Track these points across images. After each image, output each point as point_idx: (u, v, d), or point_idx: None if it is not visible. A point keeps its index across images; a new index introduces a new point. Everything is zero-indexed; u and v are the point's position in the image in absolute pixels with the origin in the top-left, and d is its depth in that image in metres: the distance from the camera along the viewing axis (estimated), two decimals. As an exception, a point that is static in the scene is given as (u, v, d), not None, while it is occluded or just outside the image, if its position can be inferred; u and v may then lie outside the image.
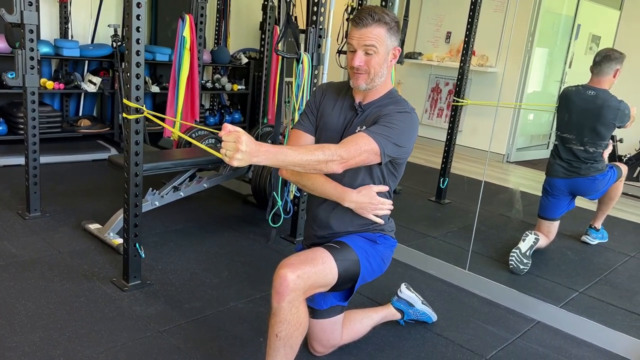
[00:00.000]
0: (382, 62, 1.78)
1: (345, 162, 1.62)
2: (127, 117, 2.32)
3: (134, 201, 2.44)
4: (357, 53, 1.77)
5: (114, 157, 3.02)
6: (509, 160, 6.21)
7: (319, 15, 2.95)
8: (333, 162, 1.59)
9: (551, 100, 6.74)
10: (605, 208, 3.61)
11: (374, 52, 1.75)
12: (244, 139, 1.40)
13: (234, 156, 1.40)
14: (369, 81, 1.80)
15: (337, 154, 1.59)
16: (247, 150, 1.40)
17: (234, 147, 1.40)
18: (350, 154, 1.63)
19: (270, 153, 1.48)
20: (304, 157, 1.54)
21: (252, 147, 1.42)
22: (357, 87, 1.83)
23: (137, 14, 2.22)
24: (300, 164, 1.55)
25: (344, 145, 1.65)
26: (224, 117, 5.98)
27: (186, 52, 3.64)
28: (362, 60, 1.76)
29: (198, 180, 3.33)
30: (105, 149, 4.68)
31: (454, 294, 2.80)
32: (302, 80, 2.95)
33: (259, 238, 3.27)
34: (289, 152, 1.53)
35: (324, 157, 1.57)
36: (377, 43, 1.74)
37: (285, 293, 1.60)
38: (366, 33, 1.73)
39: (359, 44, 1.75)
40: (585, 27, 6.64)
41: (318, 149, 1.58)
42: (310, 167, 1.57)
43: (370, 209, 1.85)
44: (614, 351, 2.39)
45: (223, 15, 5.91)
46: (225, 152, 1.42)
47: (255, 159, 1.44)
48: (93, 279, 2.57)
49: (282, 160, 1.52)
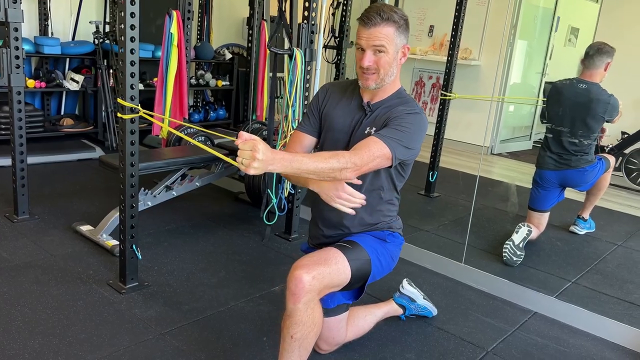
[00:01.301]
0: (391, 62, 1.76)
1: (358, 169, 1.62)
2: (122, 117, 2.28)
3: (130, 202, 2.40)
4: (366, 53, 1.75)
5: (106, 157, 2.96)
6: (493, 152, 6.27)
7: (311, 10, 2.94)
8: (347, 170, 1.59)
9: (532, 92, 6.83)
10: (593, 199, 3.67)
11: (384, 51, 1.73)
12: (261, 147, 1.39)
13: (250, 164, 1.39)
14: (378, 81, 1.79)
15: (351, 162, 1.59)
16: (263, 159, 1.39)
17: (250, 155, 1.39)
18: (363, 160, 1.62)
19: (286, 161, 1.47)
20: (319, 165, 1.53)
21: (269, 155, 1.41)
22: (367, 87, 1.81)
23: (131, 12, 2.18)
24: (315, 171, 1.54)
25: (356, 152, 1.64)
26: (209, 113, 5.92)
27: (174, 49, 3.58)
28: (372, 60, 1.75)
29: (190, 179, 3.29)
30: (90, 148, 4.59)
31: (451, 287, 2.82)
32: (295, 77, 2.93)
33: (253, 236, 3.25)
34: (303, 160, 1.52)
35: (338, 165, 1.57)
36: (387, 43, 1.72)
37: (301, 294, 1.59)
38: (375, 33, 1.72)
39: (367, 44, 1.74)
40: (564, 20, 6.73)
41: (332, 157, 1.57)
42: (324, 174, 1.57)
43: (336, 198, 1.74)
44: (610, 339, 2.44)
45: (205, 11, 5.84)
46: (242, 161, 1.40)
47: (271, 167, 1.43)
48: (89, 282, 2.52)
49: (297, 168, 1.51)
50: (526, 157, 6.02)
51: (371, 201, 1.90)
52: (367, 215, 1.92)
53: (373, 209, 1.92)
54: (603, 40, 3.28)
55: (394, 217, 2.02)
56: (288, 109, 2.97)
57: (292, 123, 3.01)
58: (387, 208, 1.96)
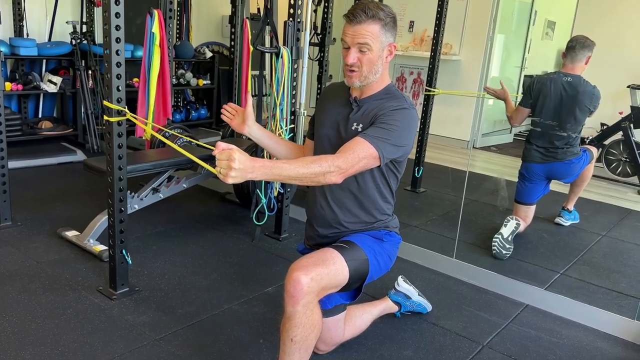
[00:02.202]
0: (375, 60, 1.75)
1: (344, 172, 1.62)
2: (108, 119, 2.23)
3: (119, 206, 2.35)
4: (350, 50, 1.74)
5: (91, 161, 2.90)
6: (475, 146, 6.32)
7: (297, 8, 2.91)
8: (331, 174, 1.58)
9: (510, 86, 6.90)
10: (578, 190, 3.72)
11: (368, 49, 1.72)
12: (237, 157, 1.40)
13: (228, 174, 1.41)
14: (362, 79, 1.78)
15: (335, 165, 1.59)
16: (240, 168, 1.40)
17: (227, 165, 1.40)
18: (348, 163, 1.62)
19: (266, 168, 1.48)
20: (300, 171, 1.53)
21: (247, 163, 1.42)
22: (351, 84, 1.81)
23: (116, 12, 2.13)
24: (297, 177, 1.54)
25: (340, 155, 1.63)
26: (190, 113, 5.85)
27: (156, 49, 3.52)
28: (356, 58, 1.74)
29: (176, 180, 3.24)
30: (70, 151, 4.50)
31: (443, 283, 2.83)
32: (282, 75, 2.90)
33: (243, 237, 3.22)
34: (284, 167, 1.52)
35: (320, 170, 1.56)
36: (371, 40, 1.71)
37: (300, 297, 1.57)
38: (360, 30, 1.71)
39: (352, 41, 1.73)
40: (541, 13, 6.81)
41: (314, 162, 1.57)
42: (307, 180, 1.57)
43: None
44: (601, 329, 2.47)
45: (184, 9, 5.76)
46: (220, 170, 1.42)
47: (251, 174, 1.44)
48: (78, 288, 2.47)
49: (277, 175, 1.51)
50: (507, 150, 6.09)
51: (366, 200, 1.89)
52: (363, 214, 1.91)
53: (369, 208, 1.91)
54: (581, 33, 3.32)
55: (390, 216, 2.02)
56: (276, 107, 2.94)
57: (280, 122, 2.99)
58: (382, 207, 1.96)
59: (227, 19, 5.34)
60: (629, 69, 4.73)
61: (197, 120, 5.87)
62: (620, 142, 4.92)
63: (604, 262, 3.23)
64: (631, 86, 4.76)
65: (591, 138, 5.00)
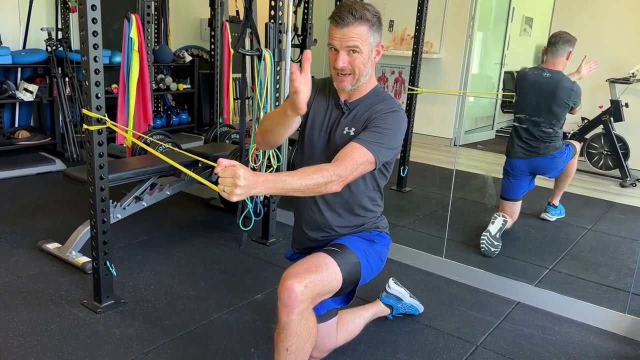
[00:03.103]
0: (366, 62, 1.72)
1: (344, 179, 1.60)
2: (88, 128, 2.17)
3: (101, 217, 2.29)
4: (340, 54, 1.70)
5: (71, 170, 2.82)
6: (457, 143, 6.34)
7: (278, 9, 2.87)
8: (332, 183, 1.56)
9: (490, 83, 6.94)
10: (562, 185, 3.74)
11: (358, 52, 1.69)
12: (242, 174, 1.35)
13: (233, 192, 1.36)
14: (354, 82, 1.75)
15: (336, 174, 1.56)
16: (245, 184, 1.36)
17: (231, 182, 1.35)
18: (347, 170, 1.60)
19: (269, 182, 1.44)
20: (303, 182, 1.50)
21: (250, 179, 1.37)
22: (343, 89, 1.77)
23: (93, 17, 2.06)
24: (300, 189, 1.51)
25: (339, 163, 1.61)
26: (171, 118, 5.77)
27: (135, 54, 3.45)
28: (346, 61, 1.70)
29: (160, 188, 3.18)
30: (49, 161, 4.40)
31: (433, 283, 2.82)
32: (265, 78, 2.86)
33: (229, 243, 3.17)
34: (287, 179, 1.48)
35: (323, 180, 1.54)
36: (360, 42, 1.67)
37: (294, 305, 1.53)
38: (348, 33, 1.67)
39: (341, 44, 1.68)
40: (519, 10, 6.85)
41: (316, 172, 1.54)
42: (310, 191, 1.54)
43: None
44: (592, 324, 2.48)
45: (162, 13, 5.68)
46: (224, 188, 1.37)
47: (255, 190, 1.40)
48: (61, 303, 2.39)
49: (280, 188, 1.48)
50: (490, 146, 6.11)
51: (357, 203, 1.87)
52: (353, 217, 1.88)
53: (359, 211, 1.89)
54: (559, 29, 3.34)
55: (380, 217, 1.99)
56: (259, 111, 2.90)
57: (264, 125, 2.94)
58: (372, 208, 1.93)
59: (205, 22, 5.27)
60: (608, 63, 4.77)
61: (178, 125, 5.80)
62: (601, 136, 4.97)
63: (591, 256, 3.24)
64: (610, 80, 4.82)
65: (572, 132, 5.05)
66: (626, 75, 4.83)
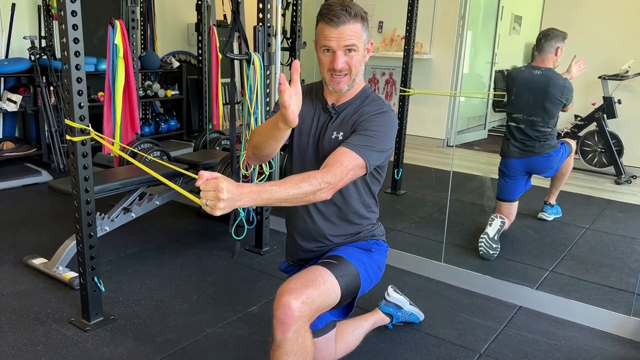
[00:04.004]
0: (361, 60, 1.67)
1: (333, 186, 1.52)
2: (72, 139, 2.08)
3: (87, 231, 2.20)
4: (337, 54, 1.62)
5: (56, 183, 2.73)
6: (449, 144, 6.29)
7: (266, 12, 2.80)
8: (321, 191, 1.48)
9: (481, 82, 6.91)
10: (559, 184, 3.70)
11: (355, 51, 1.62)
12: (225, 186, 1.27)
13: (216, 206, 1.28)
14: (350, 82, 1.68)
15: (324, 181, 1.49)
16: (229, 197, 1.28)
17: (214, 196, 1.27)
18: (336, 177, 1.53)
19: (254, 193, 1.36)
20: (291, 192, 1.42)
21: (234, 192, 1.30)
22: (339, 90, 1.69)
23: (73, 24, 1.98)
24: (287, 199, 1.43)
25: (328, 169, 1.53)
26: (160, 125, 5.66)
27: (120, 61, 3.36)
28: (344, 61, 1.63)
29: (149, 198, 3.09)
30: (35, 172, 4.29)
31: (433, 288, 2.75)
32: (255, 82, 2.78)
33: (222, 253, 3.08)
34: (273, 189, 1.40)
35: (311, 188, 1.46)
36: (357, 40, 1.61)
37: (290, 323, 1.46)
38: (345, 32, 1.59)
39: (338, 44, 1.61)
40: (507, 8, 6.84)
41: (304, 181, 1.46)
42: (298, 200, 1.46)
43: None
44: (597, 327, 2.41)
45: (148, 18, 5.58)
46: (206, 202, 1.29)
47: (239, 202, 1.32)
48: (48, 321, 2.30)
49: (267, 199, 1.39)
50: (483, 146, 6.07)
51: (350, 210, 1.80)
52: (348, 225, 1.81)
53: (353, 218, 1.82)
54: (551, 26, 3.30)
55: (375, 224, 1.92)
56: (250, 116, 2.82)
57: (255, 131, 2.86)
58: (367, 215, 1.86)
59: (192, 27, 5.18)
60: (600, 60, 4.75)
61: (167, 132, 5.70)
62: (594, 133, 4.94)
63: (591, 256, 3.19)
64: (602, 77, 4.79)
65: (566, 131, 5.01)
66: (618, 72, 4.81)
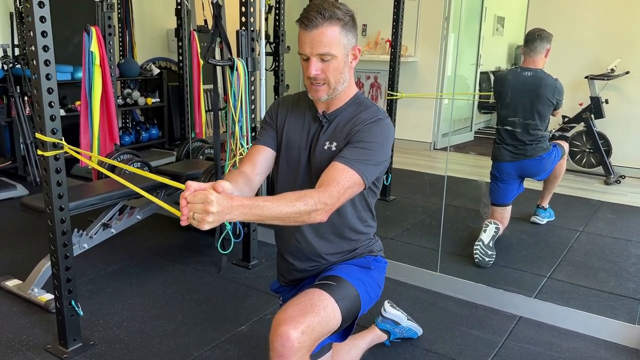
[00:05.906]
0: (341, 67, 1.53)
1: (330, 208, 1.41)
2: (43, 154, 1.94)
3: (63, 252, 2.05)
4: (311, 61, 1.50)
5: (28, 199, 2.58)
6: (436, 147, 6.23)
7: (249, 16, 2.68)
8: (317, 212, 1.37)
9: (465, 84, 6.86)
10: (551, 187, 3.63)
11: (331, 57, 1.49)
12: (214, 198, 1.17)
13: (204, 219, 1.17)
14: (330, 91, 1.56)
15: (321, 202, 1.38)
16: (218, 210, 1.17)
17: (202, 208, 1.17)
18: (333, 197, 1.42)
19: (245, 207, 1.25)
20: (284, 210, 1.31)
21: (224, 204, 1.19)
22: (318, 99, 1.58)
23: (42, 30, 1.84)
24: (280, 217, 1.32)
25: (324, 189, 1.42)
26: (140, 134, 5.50)
27: (96, 69, 3.22)
28: (319, 69, 1.50)
29: (129, 212, 2.95)
30: (10, 186, 4.11)
31: (429, 300, 2.64)
32: (240, 89, 2.66)
33: (208, 268, 2.94)
34: (266, 205, 1.29)
35: (306, 208, 1.35)
36: (333, 46, 1.48)
37: (290, 355, 1.34)
38: (318, 36, 1.47)
39: (312, 50, 1.49)
40: (490, 9, 6.81)
41: (299, 199, 1.34)
42: (291, 220, 1.35)
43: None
44: (600, 337, 2.33)
45: (126, 25, 5.42)
46: (194, 216, 1.18)
47: (229, 216, 1.22)
48: (22, 349, 2.15)
49: (258, 215, 1.29)
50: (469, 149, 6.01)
51: (346, 227, 1.68)
52: (344, 243, 1.69)
53: (350, 235, 1.70)
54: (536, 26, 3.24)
55: (373, 239, 1.80)
56: (234, 125, 2.70)
57: (241, 140, 2.74)
58: (363, 230, 1.74)
59: (172, 32, 5.04)
60: (586, 60, 4.71)
61: (148, 141, 5.54)
62: (582, 134, 4.90)
63: (587, 261, 3.12)
64: (589, 77, 4.75)
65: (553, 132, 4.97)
66: (605, 72, 4.78)
